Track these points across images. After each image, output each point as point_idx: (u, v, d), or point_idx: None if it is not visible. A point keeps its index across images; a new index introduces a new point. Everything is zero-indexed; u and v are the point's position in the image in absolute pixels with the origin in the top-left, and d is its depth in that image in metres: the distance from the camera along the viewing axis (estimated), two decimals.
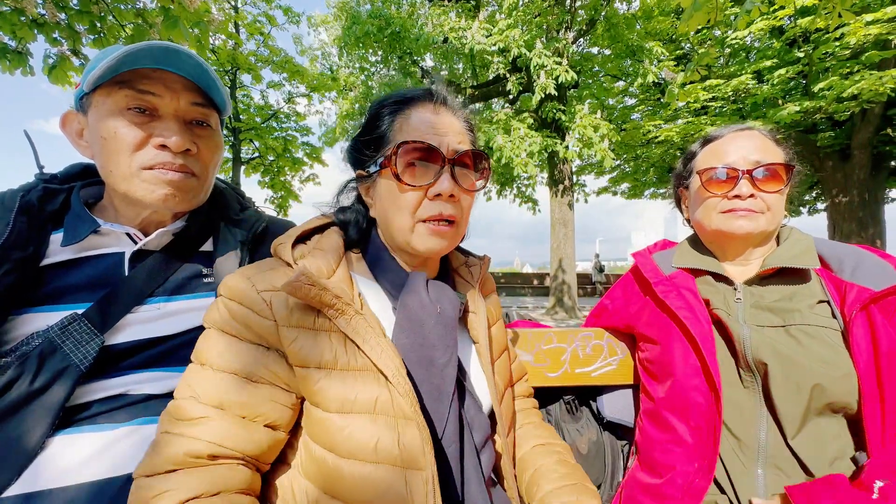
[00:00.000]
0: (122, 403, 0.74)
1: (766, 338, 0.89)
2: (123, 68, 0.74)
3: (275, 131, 9.39)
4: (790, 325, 0.89)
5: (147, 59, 0.75)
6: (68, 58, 3.42)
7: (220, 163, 0.93)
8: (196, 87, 0.81)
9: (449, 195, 0.70)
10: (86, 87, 0.76)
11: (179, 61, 0.76)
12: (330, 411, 0.64)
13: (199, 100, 0.82)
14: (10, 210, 0.74)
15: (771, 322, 0.91)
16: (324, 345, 0.65)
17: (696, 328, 0.94)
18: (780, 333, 0.89)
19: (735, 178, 0.96)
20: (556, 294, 10.69)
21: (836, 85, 6.58)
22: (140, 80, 0.76)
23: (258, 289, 0.67)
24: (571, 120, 8.32)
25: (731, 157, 0.98)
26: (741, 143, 0.99)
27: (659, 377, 1.02)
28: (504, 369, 0.88)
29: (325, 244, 0.74)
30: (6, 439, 0.65)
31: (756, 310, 0.95)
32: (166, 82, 0.78)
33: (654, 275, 1.07)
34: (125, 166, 0.76)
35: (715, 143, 1.04)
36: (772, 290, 0.96)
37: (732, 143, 1.00)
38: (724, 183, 0.98)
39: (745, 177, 0.95)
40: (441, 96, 0.77)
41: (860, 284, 0.87)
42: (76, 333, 0.71)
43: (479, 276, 0.89)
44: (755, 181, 0.95)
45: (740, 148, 0.99)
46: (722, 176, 0.98)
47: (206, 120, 0.84)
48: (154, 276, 0.82)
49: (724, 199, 0.98)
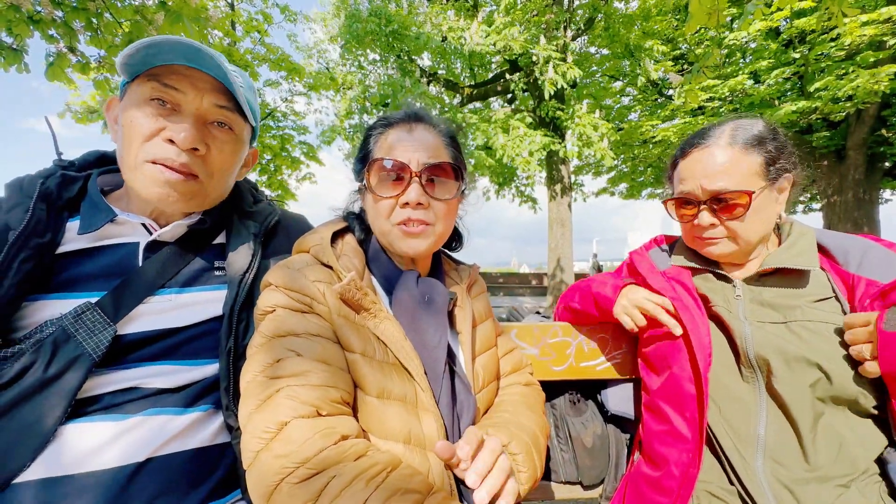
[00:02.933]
0: (134, 397, 0.74)
1: (767, 334, 0.89)
2: (156, 61, 0.75)
3: (271, 130, 9.34)
4: (791, 321, 0.89)
5: (178, 56, 0.75)
6: (65, 55, 3.40)
7: (235, 170, 0.91)
8: (223, 90, 0.81)
9: (417, 203, 0.80)
10: (124, 76, 0.78)
11: (205, 59, 0.76)
12: (371, 395, 0.73)
13: (224, 103, 0.82)
14: (29, 196, 0.75)
15: (772, 318, 0.91)
16: (364, 338, 0.75)
17: (686, 317, 0.94)
18: (780, 329, 0.89)
19: (696, 207, 0.96)
20: (554, 293, 10.70)
21: (832, 85, 6.63)
22: (169, 75, 0.77)
23: (310, 279, 0.76)
24: (570, 119, 8.33)
25: (689, 184, 0.96)
26: (699, 166, 0.94)
27: (658, 370, 1.03)
28: (490, 364, 0.93)
29: (349, 248, 0.86)
30: (22, 424, 0.66)
31: (756, 305, 0.95)
32: (194, 81, 0.78)
33: (649, 269, 1.08)
34: (133, 155, 0.76)
35: (680, 164, 1.00)
36: (772, 287, 0.96)
37: (690, 167, 0.96)
38: (688, 211, 0.98)
39: (703, 208, 0.94)
40: (417, 116, 0.87)
41: (868, 277, 0.86)
42: (89, 322, 0.71)
43: (468, 279, 0.98)
44: (715, 211, 0.93)
45: (697, 173, 0.94)
46: (684, 205, 0.99)
47: (227, 123, 0.84)
48: (167, 267, 0.82)
49: (692, 225, 0.98)
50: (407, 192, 0.80)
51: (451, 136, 0.90)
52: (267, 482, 0.58)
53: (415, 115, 0.88)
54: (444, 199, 0.83)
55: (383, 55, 9.36)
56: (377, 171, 0.82)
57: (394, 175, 0.81)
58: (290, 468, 0.58)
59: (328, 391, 0.67)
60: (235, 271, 0.86)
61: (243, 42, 8.14)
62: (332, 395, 0.67)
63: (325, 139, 10.42)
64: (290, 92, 9.60)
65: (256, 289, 0.86)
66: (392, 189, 0.81)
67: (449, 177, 0.84)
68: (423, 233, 0.82)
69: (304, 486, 0.57)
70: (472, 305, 0.93)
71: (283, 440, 0.60)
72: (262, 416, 0.63)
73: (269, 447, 0.60)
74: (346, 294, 0.75)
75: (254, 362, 0.69)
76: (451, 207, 0.87)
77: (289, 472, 0.58)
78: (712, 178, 0.92)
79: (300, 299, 0.75)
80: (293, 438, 0.60)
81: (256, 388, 0.66)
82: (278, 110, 9.48)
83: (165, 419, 0.74)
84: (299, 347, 0.70)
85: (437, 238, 0.86)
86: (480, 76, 11.11)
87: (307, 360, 0.68)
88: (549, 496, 1.21)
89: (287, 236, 0.99)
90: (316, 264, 0.80)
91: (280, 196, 9.36)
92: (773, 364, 0.86)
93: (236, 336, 0.81)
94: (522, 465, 0.74)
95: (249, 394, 0.67)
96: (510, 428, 0.79)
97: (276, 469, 0.58)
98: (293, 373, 0.66)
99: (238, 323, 0.82)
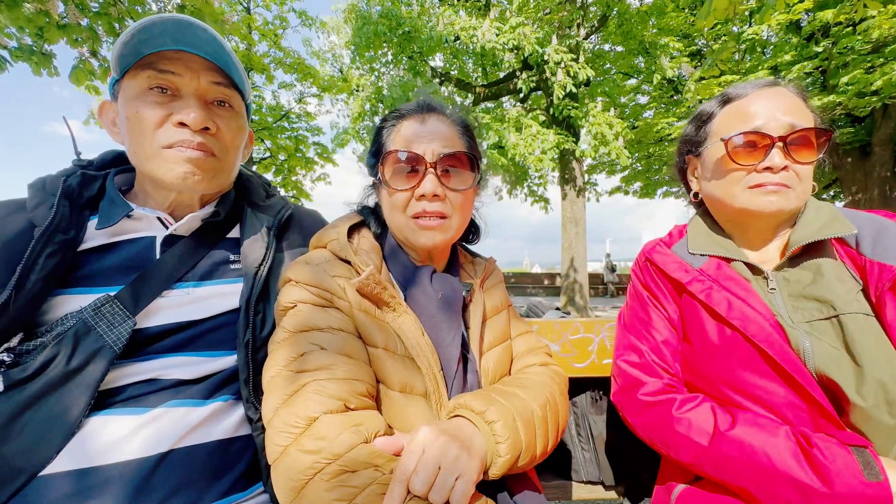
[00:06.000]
0: (154, 388, 0.74)
1: (829, 349, 0.76)
2: (146, 50, 0.76)
3: (286, 131, 9.47)
4: (838, 314, 0.77)
5: (166, 39, 0.76)
6: (88, 59, 3.49)
7: (243, 146, 0.93)
8: (216, 68, 0.82)
9: (433, 195, 0.78)
10: (115, 73, 0.78)
11: (197, 38, 0.77)
12: (394, 389, 0.73)
13: (220, 79, 0.83)
14: (52, 194, 0.76)
15: (821, 313, 0.79)
16: (386, 332, 0.75)
17: (755, 331, 0.77)
18: (830, 329, 0.77)
19: (767, 146, 0.82)
20: (567, 293, 10.59)
21: (859, 79, 6.42)
22: (161, 61, 0.77)
23: (330, 274, 0.76)
24: (584, 117, 8.24)
25: (760, 120, 0.83)
26: (771, 101, 0.84)
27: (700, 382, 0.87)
28: (503, 357, 0.90)
29: (366, 243, 0.85)
30: (47, 416, 0.66)
31: (796, 301, 0.82)
32: (186, 62, 0.79)
33: (681, 271, 0.90)
34: (147, 146, 0.77)
35: (738, 103, 0.88)
36: (801, 273, 0.84)
37: (760, 102, 0.85)
38: (753, 152, 0.83)
39: (777, 145, 0.81)
40: (429, 106, 0.86)
41: (882, 262, 0.76)
42: (109, 315, 0.72)
43: (482, 273, 0.96)
44: (788, 150, 0.82)
45: (770, 108, 0.83)
46: (750, 143, 0.83)
47: (227, 100, 0.85)
48: (184, 260, 0.82)
49: (753, 171, 0.84)
50: (422, 184, 0.79)
51: (465, 125, 0.88)
52: (297, 477, 0.58)
53: (427, 106, 0.86)
54: (460, 190, 0.82)
55: (395, 56, 9.41)
56: (391, 163, 0.81)
57: (408, 167, 0.80)
58: (322, 464, 0.57)
59: (354, 384, 0.66)
60: (250, 264, 0.86)
61: (259, 46, 8.29)
62: (358, 389, 0.66)
63: (339, 142, 10.52)
64: (301, 94, 9.73)
65: (271, 281, 0.86)
66: (407, 181, 0.80)
67: (464, 167, 0.83)
68: (439, 226, 0.81)
69: (336, 484, 0.57)
70: (483, 300, 0.92)
71: (313, 435, 0.59)
72: (289, 410, 0.62)
73: (298, 442, 0.60)
74: (366, 288, 0.75)
75: (277, 357, 0.69)
76: (467, 198, 0.85)
77: (321, 468, 0.57)
78: (791, 112, 0.82)
79: (321, 294, 0.75)
80: (323, 434, 0.59)
81: (282, 383, 0.65)
82: (293, 112, 9.60)
83: (186, 410, 0.74)
84: (323, 341, 0.69)
85: (454, 230, 0.85)
86: (493, 75, 11.08)
87: (331, 354, 0.68)
88: (568, 496, 1.18)
89: (300, 230, 1.00)
90: (334, 260, 0.80)
91: (295, 196, 9.49)
92: (843, 386, 0.72)
93: (254, 328, 0.81)
94: (501, 434, 0.67)
95: (274, 388, 0.66)
96: (491, 395, 0.73)
97: (308, 464, 0.57)
98: (319, 366, 0.65)
99: (255, 315, 0.82)
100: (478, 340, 0.86)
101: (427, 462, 0.59)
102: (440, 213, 0.80)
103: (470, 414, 0.69)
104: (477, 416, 0.68)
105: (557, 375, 0.90)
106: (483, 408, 0.69)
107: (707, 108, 0.95)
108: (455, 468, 0.60)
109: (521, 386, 0.79)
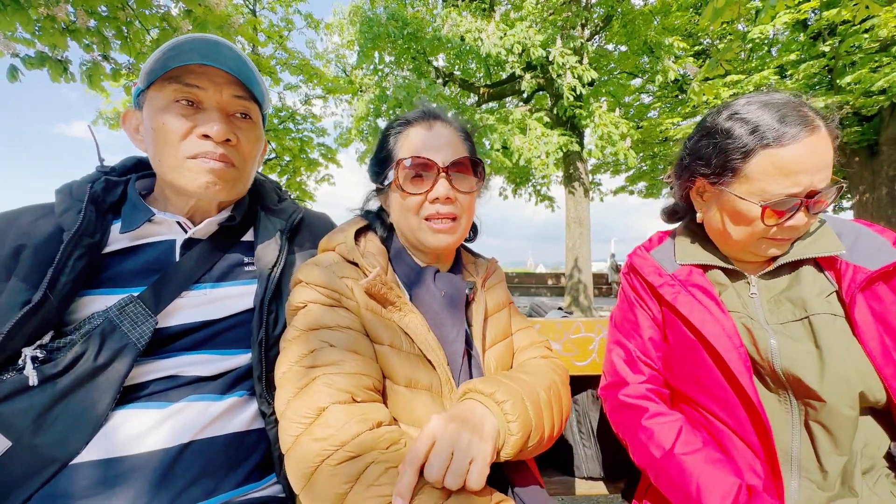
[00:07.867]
0: (175, 384, 0.78)
1: (795, 346, 0.80)
2: (173, 64, 0.79)
3: (291, 132, 9.53)
4: (809, 315, 0.81)
5: (193, 54, 0.80)
6: (99, 63, 3.55)
7: (260, 156, 0.97)
8: (237, 82, 0.86)
9: (445, 198, 0.83)
10: (141, 84, 0.82)
11: (221, 55, 0.81)
12: (400, 384, 0.76)
13: (241, 93, 0.87)
14: (80, 200, 0.80)
15: (793, 315, 0.83)
16: (391, 330, 0.79)
17: (709, 330, 0.83)
18: (802, 330, 0.82)
19: (797, 206, 0.78)
20: (571, 293, 10.59)
21: (865, 78, 6.38)
22: (187, 75, 0.81)
23: (339, 275, 0.81)
24: (589, 117, 8.23)
25: (804, 181, 0.76)
26: (812, 159, 0.75)
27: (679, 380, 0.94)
28: (505, 353, 0.94)
29: (372, 246, 0.89)
30: (77, 409, 0.70)
31: (773, 304, 0.87)
32: (210, 76, 0.83)
33: (655, 274, 0.95)
34: (172, 156, 0.81)
35: (782, 153, 0.76)
36: (782, 278, 0.89)
37: (804, 161, 0.76)
38: (783, 212, 0.79)
39: (802, 207, 0.78)
40: (433, 114, 0.90)
41: (855, 264, 0.80)
42: (132, 314, 0.75)
43: (484, 272, 1.00)
44: (809, 209, 0.79)
45: (811, 167, 0.76)
46: (789, 206, 0.78)
47: (247, 112, 0.89)
48: (202, 263, 0.86)
49: (776, 227, 0.81)
50: (436, 188, 0.83)
51: (465, 131, 0.94)
52: (307, 464, 0.61)
53: (432, 113, 0.91)
54: (467, 193, 0.87)
55: (399, 58, 9.44)
56: (405, 169, 0.85)
57: (421, 172, 0.85)
58: (329, 451, 0.61)
59: (361, 379, 0.70)
60: (264, 266, 0.90)
61: (265, 48, 8.35)
62: (365, 383, 0.70)
63: (342, 142, 10.57)
64: (307, 96, 9.78)
65: (284, 283, 0.90)
66: (420, 186, 0.85)
67: (469, 171, 0.88)
68: (450, 228, 0.86)
69: (342, 468, 0.60)
70: (485, 298, 0.96)
71: (322, 424, 0.63)
72: (300, 402, 0.66)
73: (308, 431, 0.64)
74: (373, 289, 0.78)
75: (289, 353, 0.73)
76: (472, 200, 0.91)
77: (328, 455, 0.61)
78: (825, 170, 0.77)
79: (330, 294, 0.79)
80: (331, 423, 0.63)
81: (294, 377, 0.69)
82: (298, 113, 9.66)
83: (205, 405, 0.78)
84: (332, 339, 0.73)
85: (463, 231, 0.90)
86: (496, 76, 11.09)
87: (340, 351, 0.72)
88: (571, 491, 1.21)
89: (311, 233, 1.04)
90: (343, 262, 0.84)
91: (299, 198, 9.54)
92: (806, 380, 0.77)
93: (267, 327, 0.85)
94: (512, 413, 0.68)
95: (287, 382, 0.70)
96: (498, 379, 0.75)
97: (317, 451, 0.61)
98: (329, 362, 0.70)
99: (268, 315, 0.86)
100: (480, 337, 0.90)
101: (440, 449, 0.61)
102: (452, 215, 0.85)
103: (479, 396, 0.71)
104: (487, 397, 0.70)
105: (558, 367, 0.93)
106: (492, 389, 0.71)
107: (739, 136, 0.80)
108: (469, 452, 0.62)
109: (525, 372, 0.83)
